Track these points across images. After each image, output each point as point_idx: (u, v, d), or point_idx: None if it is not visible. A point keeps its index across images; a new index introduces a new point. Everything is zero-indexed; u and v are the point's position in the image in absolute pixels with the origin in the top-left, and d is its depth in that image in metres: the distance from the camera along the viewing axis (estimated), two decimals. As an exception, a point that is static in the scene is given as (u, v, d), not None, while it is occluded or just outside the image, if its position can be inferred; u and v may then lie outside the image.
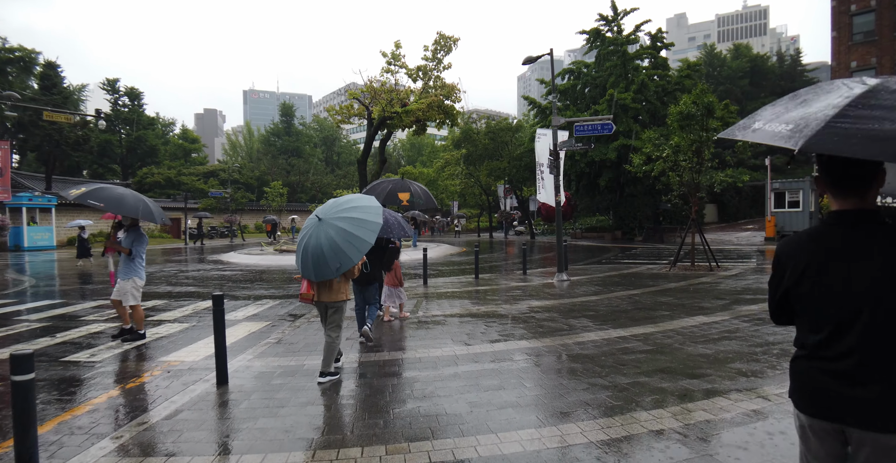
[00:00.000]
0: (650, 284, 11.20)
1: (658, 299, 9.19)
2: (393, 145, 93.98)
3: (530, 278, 13.06)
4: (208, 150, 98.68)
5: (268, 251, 24.05)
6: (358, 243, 4.62)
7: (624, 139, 25.74)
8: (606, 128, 11.88)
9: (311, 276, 4.68)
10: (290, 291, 11.70)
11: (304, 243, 4.72)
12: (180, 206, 44.66)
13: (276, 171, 63.35)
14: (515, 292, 10.63)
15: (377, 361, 5.74)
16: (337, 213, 4.80)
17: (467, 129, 34.13)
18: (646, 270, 14.10)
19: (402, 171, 53.42)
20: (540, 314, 8.06)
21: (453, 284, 12.03)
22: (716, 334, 6.44)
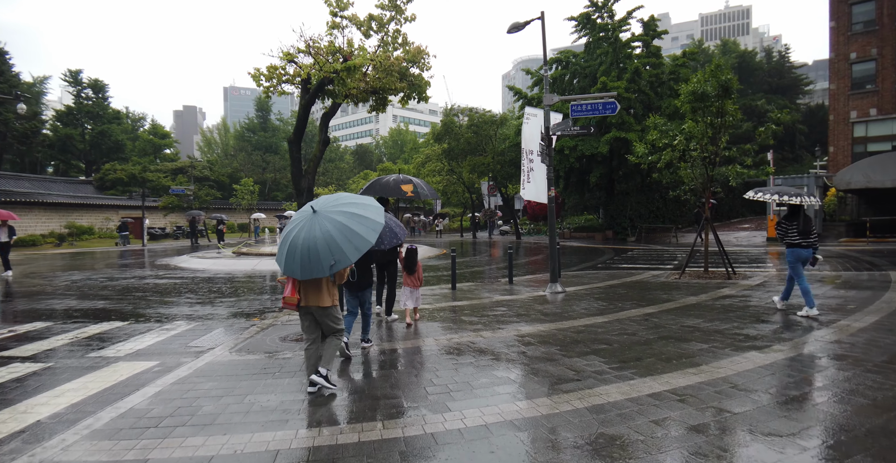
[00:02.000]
0: (664, 298, 9.12)
1: (683, 322, 7.08)
2: (375, 142, 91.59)
3: (518, 289, 10.90)
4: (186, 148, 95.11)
5: (226, 254, 21.59)
6: (357, 241, 4.22)
7: (617, 132, 23.78)
8: (609, 107, 9.78)
9: (297, 273, 4.24)
10: (220, 307, 9.40)
11: (291, 236, 4.30)
12: (139, 205, 41.81)
13: (249, 167, 60.50)
14: (499, 310, 8.45)
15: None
16: (335, 207, 4.41)
17: (449, 122, 31.92)
18: (651, 278, 12.03)
19: (380, 167, 51.34)
20: (532, 349, 5.88)
21: (426, 297, 9.84)
22: (793, 387, 4.33)
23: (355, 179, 48.35)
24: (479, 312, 8.28)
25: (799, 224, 7.28)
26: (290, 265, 4.23)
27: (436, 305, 9.19)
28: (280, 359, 5.74)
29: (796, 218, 7.32)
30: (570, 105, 9.94)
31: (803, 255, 7.33)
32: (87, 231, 37.48)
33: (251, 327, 7.56)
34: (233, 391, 4.66)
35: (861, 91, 28.81)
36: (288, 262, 4.25)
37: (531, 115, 10.11)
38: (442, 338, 6.57)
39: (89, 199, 41.07)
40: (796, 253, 7.35)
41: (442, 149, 33.26)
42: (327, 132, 6.99)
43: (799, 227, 7.26)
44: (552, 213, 10.21)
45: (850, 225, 24.38)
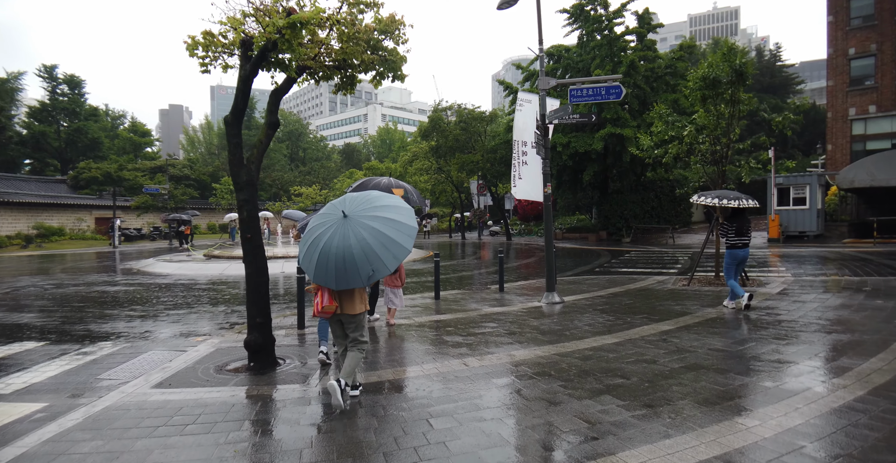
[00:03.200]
0: (678, 310, 7.91)
1: (709, 343, 5.86)
2: (363, 142, 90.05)
3: (509, 298, 9.65)
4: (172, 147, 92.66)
5: (196, 257, 20.12)
6: (395, 249, 3.98)
7: (612, 128, 22.67)
8: (613, 92, 8.55)
9: (332, 283, 3.96)
10: (164, 322, 8.05)
11: (322, 243, 3.96)
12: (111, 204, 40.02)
13: (231, 166, 58.59)
14: (488, 327, 7.19)
15: None
16: (366, 211, 4.09)
17: (436, 118, 30.62)
18: (657, 285, 10.85)
19: (366, 166, 49.91)
20: (530, 385, 4.62)
21: (405, 309, 8.55)
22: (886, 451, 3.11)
23: (341, 178, 46.84)
24: (465, 330, 7.00)
25: (737, 226, 7.90)
26: (323, 275, 3.96)
27: (415, 318, 7.90)
28: (207, 400, 4.43)
29: (736, 220, 7.95)
30: (570, 90, 8.72)
31: (740, 255, 7.97)
32: (56, 232, 35.67)
33: (188, 351, 6.23)
34: (118, 458, 3.35)
35: (860, 88, 27.96)
36: (319, 271, 3.96)
37: (525, 100, 8.87)
38: (416, 369, 5.28)
39: (60, 198, 39.20)
40: (734, 254, 7.98)
41: (429, 146, 31.96)
42: (277, 114, 5.62)
43: (737, 228, 7.90)
44: (549, 212, 8.97)
45: (852, 225, 23.48)
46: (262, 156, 5.59)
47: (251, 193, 5.39)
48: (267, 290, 5.60)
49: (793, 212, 22.72)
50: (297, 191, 42.90)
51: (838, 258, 14.82)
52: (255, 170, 5.50)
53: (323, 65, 6.28)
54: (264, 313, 5.47)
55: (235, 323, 8.11)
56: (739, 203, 7.85)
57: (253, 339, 5.40)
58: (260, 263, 5.50)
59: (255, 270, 5.47)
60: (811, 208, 22.31)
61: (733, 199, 7.91)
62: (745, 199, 7.95)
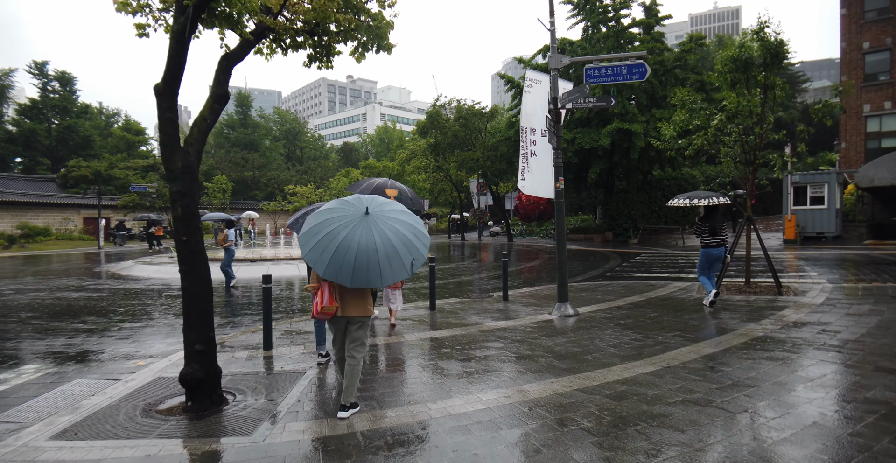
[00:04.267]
0: (715, 327, 6.73)
1: (769, 373, 4.68)
2: (362, 141, 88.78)
3: (515, 309, 8.46)
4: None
5: (178, 259, 18.91)
6: (424, 239, 4.05)
7: (619, 122, 21.48)
8: (637, 71, 7.37)
9: (347, 280, 3.75)
10: (110, 339, 6.86)
11: (341, 237, 3.77)
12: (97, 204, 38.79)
13: (227, 165, 57.43)
14: (492, 347, 6.00)
15: None
16: (386, 212, 4.05)
17: (435, 114, 29.41)
18: (680, 293, 9.67)
19: (362, 164, 48.71)
20: (551, 440, 3.43)
21: (396, 321, 7.38)
22: None
23: (337, 177, 45.63)
24: (465, 351, 5.81)
25: (710, 224, 8.01)
26: (337, 270, 3.75)
27: (406, 335, 6.71)
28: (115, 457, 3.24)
29: (708, 220, 8.04)
30: (585, 69, 7.53)
31: (714, 254, 8.10)
32: (42, 232, 34.43)
33: (121, 381, 5.05)
34: None
35: (874, 83, 26.79)
36: (333, 266, 3.75)
37: (534, 81, 7.67)
38: (397, 413, 4.09)
39: (46, 197, 37.97)
40: (707, 253, 8.12)
41: (427, 143, 30.74)
42: (227, 85, 4.41)
43: (710, 228, 8.00)
44: (561, 211, 7.77)
45: (871, 226, 22.29)
46: (205, 136, 4.41)
47: (188, 184, 4.21)
48: (210, 307, 4.42)
49: (810, 212, 21.55)
50: (291, 190, 41.63)
51: (868, 262, 13.64)
52: (196, 154, 4.32)
53: (290, 28, 5.10)
54: (206, 339, 4.30)
55: (195, 340, 6.90)
56: (709, 201, 7.97)
57: (191, 372, 4.22)
58: (200, 271, 4.32)
59: (193, 283, 4.29)
60: (829, 208, 21.14)
61: (703, 199, 8.05)
62: (715, 198, 8.05)
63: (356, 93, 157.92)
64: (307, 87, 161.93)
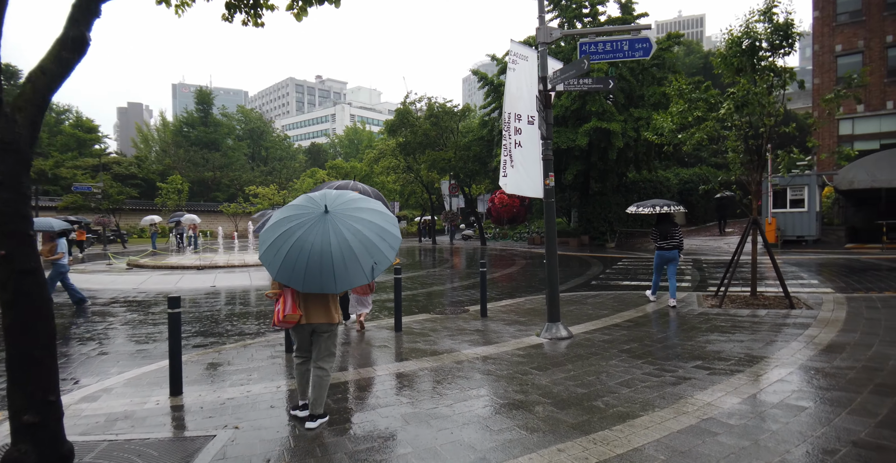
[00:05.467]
0: (739, 353, 5.55)
1: (844, 426, 3.48)
2: (330, 142, 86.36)
3: (496, 329, 7.14)
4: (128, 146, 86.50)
5: (116, 267, 16.98)
6: (391, 240, 3.71)
7: (598, 121, 20.52)
8: (640, 47, 6.17)
9: (299, 284, 3.49)
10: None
11: (295, 237, 3.49)
12: (46, 206, 35.94)
13: (186, 165, 54.59)
14: (472, 389, 4.67)
15: None
16: (349, 211, 3.70)
17: (405, 111, 27.98)
18: (679, 306, 8.54)
19: (329, 165, 46.80)
20: None
21: (349, 353, 5.98)
22: None
23: (302, 177, 43.64)
24: (435, 397, 4.45)
25: (661, 229, 8.59)
26: (288, 273, 3.47)
27: (361, 370, 5.30)
28: None
29: (661, 225, 8.64)
30: (579, 44, 6.30)
31: (667, 256, 8.65)
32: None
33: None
34: None
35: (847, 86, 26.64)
36: (286, 268, 3.46)
37: (519, 56, 6.35)
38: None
39: (-20, 198, 34.79)
40: (661, 255, 8.71)
41: (397, 142, 29.28)
42: (89, 26, 2.96)
43: (661, 232, 8.58)
44: (551, 213, 6.49)
45: (849, 229, 21.95)
46: (45, 98, 2.93)
47: (11, 168, 2.73)
48: (50, 356, 2.92)
49: (790, 215, 21.05)
50: (252, 191, 39.50)
51: (863, 267, 12.90)
52: (27, 125, 2.84)
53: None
54: (41, 404, 2.81)
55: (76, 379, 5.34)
56: (661, 209, 8.64)
57: (16, 458, 2.73)
58: (34, 301, 2.83)
59: (21, 318, 2.80)
60: (810, 211, 20.67)
61: (663, 206, 8.69)
62: (671, 206, 8.75)
63: (325, 93, 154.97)
64: (274, 87, 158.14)
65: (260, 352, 6.14)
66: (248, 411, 4.19)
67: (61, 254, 9.60)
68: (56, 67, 2.97)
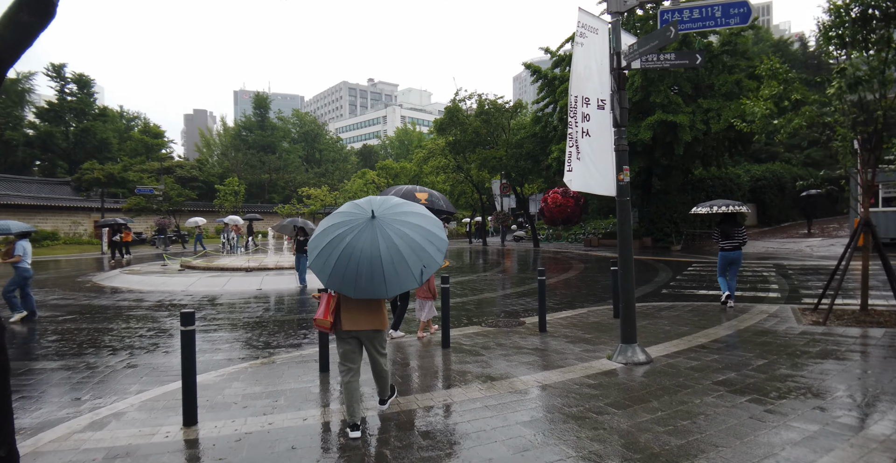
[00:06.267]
0: (863, 388, 4.39)
1: None
2: (381, 143, 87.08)
3: (558, 347, 6.21)
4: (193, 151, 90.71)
5: (170, 268, 17.13)
6: (438, 243, 3.68)
7: (662, 114, 18.99)
8: (737, 13, 5.09)
9: (351, 290, 3.49)
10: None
11: (344, 243, 3.50)
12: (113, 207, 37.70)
13: (244, 168, 56.23)
14: (535, 434, 3.80)
15: None
16: (396, 215, 3.70)
17: (454, 109, 27.23)
18: (771, 321, 7.29)
19: (379, 165, 46.69)
20: None
21: (393, 372, 5.24)
22: None
23: (353, 178, 43.80)
24: (492, 444, 3.60)
25: (723, 230, 8.55)
26: (339, 280, 3.48)
27: (401, 400, 4.53)
28: None
29: (724, 225, 8.58)
30: (660, 12, 5.30)
31: (730, 257, 8.53)
32: (49, 236, 33.35)
33: None
34: None
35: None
36: (336, 275, 3.47)
37: (589, 29, 5.36)
38: None
39: (55, 200, 37.04)
40: (725, 256, 8.57)
41: (446, 141, 28.57)
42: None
43: (723, 232, 8.54)
44: (625, 211, 5.49)
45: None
46: (2, 72, 2.32)
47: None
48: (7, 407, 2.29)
49: (884, 214, 18.71)
50: (305, 192, 39.93)
51: None
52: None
53: None
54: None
55: (82, 400, 4.84)
56: (720, 209, 8.52)
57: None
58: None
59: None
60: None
61: (722, 206, 8.57)
62: (733, 206, 8.50)
63: (377, 96, 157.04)
64: (329, 91, 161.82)
65: (292, 370, 5.50)
66: (265, 454, 3.49)
67: (18, 257, 8.77)
68: (11, 34, 2.35)
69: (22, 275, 8.88)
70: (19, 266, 8.82)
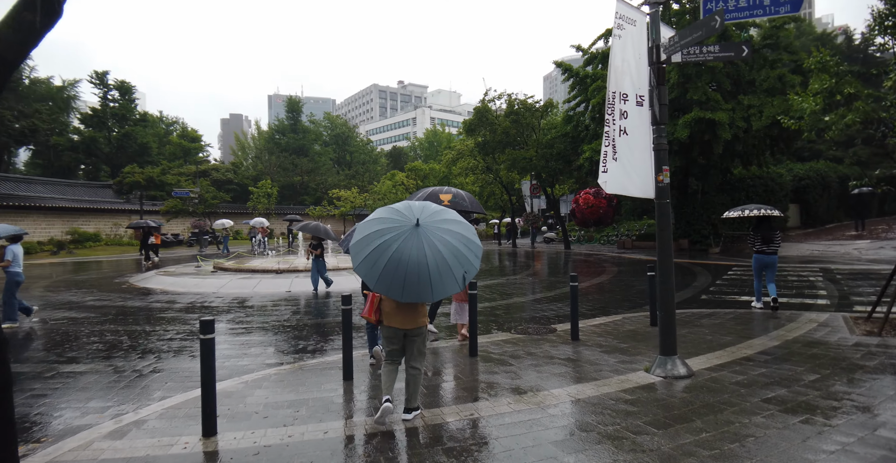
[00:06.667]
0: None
1: None
2: (411, 145, 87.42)
3: (591, 357, 5.91)
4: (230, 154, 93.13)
5: (203, 270, 17.42)
6: (475, 249, 3.98)
7: (700, 111, 18.29)
8: (786, 1, 4.72)
9: (398, 294, 3.74)
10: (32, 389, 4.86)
11: (392, 250, 3.68)
12: (150, 209, 38.82)
13: (276, 170, 57.25)
14: (566, 455, 3.52)
15: None
16: (437, 223, 3.93)
17: (483, 109, 26.97)
18: (826, 332, 6.80)
19: (408, 167, 46.76)
20: None
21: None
22: None
23: (382, 180, 44.01)
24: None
25: (762, 234, 8.48)
26: (387, 285, 3.71)
27: (426, 414, 4.33)
28: None
29: (760, 229, 8.53)
30: (703, 1, 4.95)
31: (766, 261, 8.50)
32: (92, 238, 34.56)
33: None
34: None
35: None
36: (384, 280, 3.70)
37: (627, 20, 5.03)
38: None
39: (97, 202, 38.39)
40: (760, 259, 8.56)
41: (475, 142, 28.32)
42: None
43: (762, 237, 8.46)
44: (664, 214, 5.18)
45: None
46: (6, 74, 2.22)
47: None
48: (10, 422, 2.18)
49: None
50: (336, 194, 40.31)
51: None
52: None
53: None
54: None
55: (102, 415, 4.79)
56: (752, 212, 8.48)
57: None
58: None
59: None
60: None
61: (755, 209, 8.52)
62: (766, 209, 8.43)
63: (407, 98, 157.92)
64: (359, 94, 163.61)
65: (315, 378, 5.37)
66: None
67: (8, 261, 8.58)
68: (14, 34, 2.25)
69: (15, 279, 8.72)
70: (10, 270, 8.66)
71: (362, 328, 8.12)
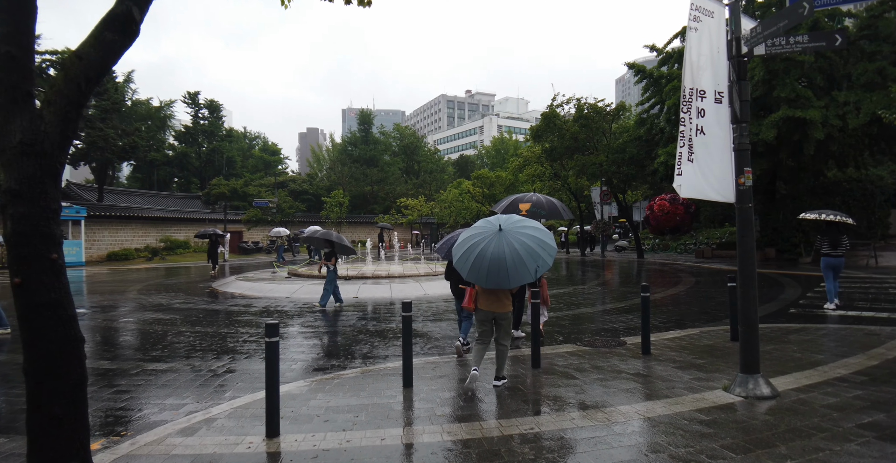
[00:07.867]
0: None
1: None
2: (477, 153, 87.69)
3: (664, 374, 5.54)
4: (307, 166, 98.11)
5: (279, 276, 18.26)
6: (549, 249, 4.99)
7: (788, 110, 16.93)
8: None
9: (483, 281, 4.94)
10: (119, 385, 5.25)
11: (479, 248, 4.93)
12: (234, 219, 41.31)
13: (348, 180, 59.30)
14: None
15: None
16: (518, 229, 5.05)
17: (551, 115, 26.51)
18: (944, 353, 5.98)
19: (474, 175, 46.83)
20: None
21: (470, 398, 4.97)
22: None
23: (448, 189, 44.35)
24: (581, 482, 3.17)
25: (829, 239, 9.13)
26: (475, 275, 4.94)
27: (483, 426, 4.21)
28: None
29: (828, 234, 9.18)
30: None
31: (832, 263, 9.10)
32: (182, 245, 37.30)
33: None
34: None
35: None
36: (473, 272, 4.93)
37: (703, 12, 4.65)
38: None
39: (186, 213, 41.38)
40: (827, 261, 9.17)
41: (542, 148, 27.87)
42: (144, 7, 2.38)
43: (829, 241, 9.11)
44: (746, 220, 4.76)
45: None
46: (82, 92, 2.38)
47: (32, 174, 2.19)
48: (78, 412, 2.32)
49: None
50: (403, 203, 41.10)
51: None
52: (57, 122, 2.30)
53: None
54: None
55: (201, 403, 5.02)
56: (828, 217, 9.18)
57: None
58: (55, 343, 2.25)
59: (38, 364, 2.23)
60: None
61: (829, 215, 9.19)
62: (837, 215, 9.10)
63: (474, 106, 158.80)
64: (428, 105, 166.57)
65: (377, 383, 5.41)
66: (338, 476, 3.36)
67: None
68: (96, 52, 2.42)
69: None
70: None
71: (424, 336, 8.13)
